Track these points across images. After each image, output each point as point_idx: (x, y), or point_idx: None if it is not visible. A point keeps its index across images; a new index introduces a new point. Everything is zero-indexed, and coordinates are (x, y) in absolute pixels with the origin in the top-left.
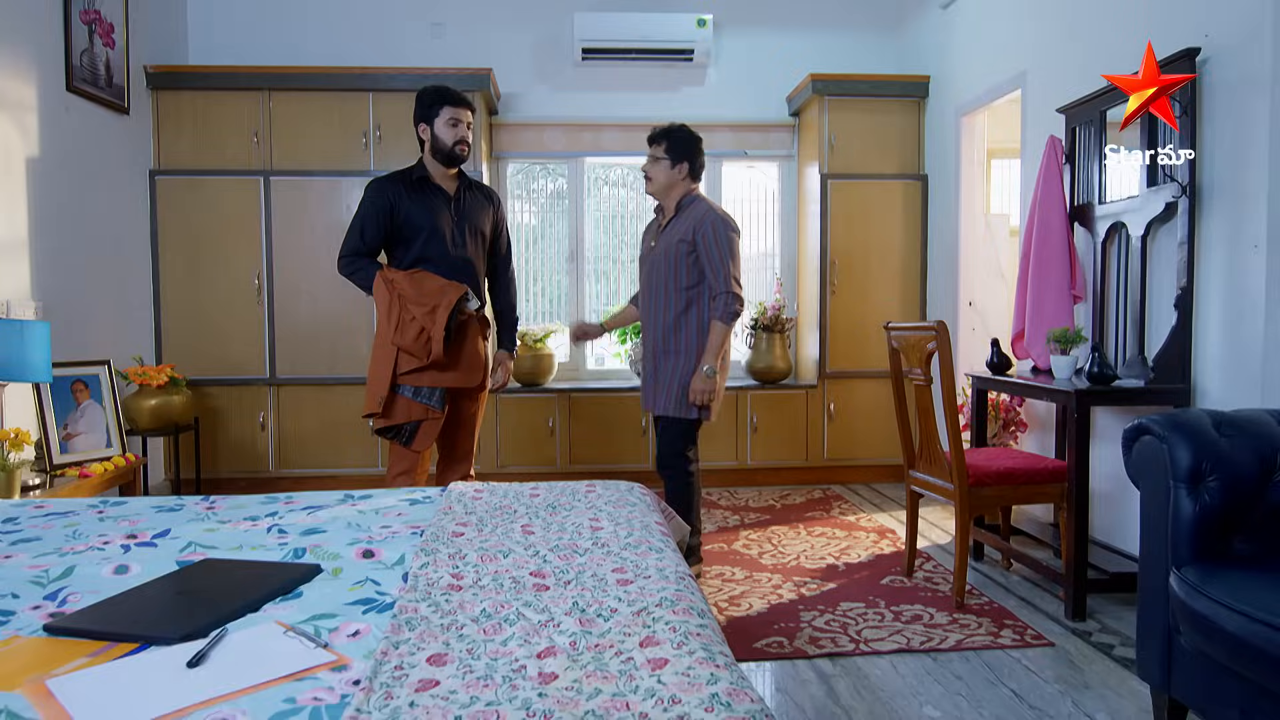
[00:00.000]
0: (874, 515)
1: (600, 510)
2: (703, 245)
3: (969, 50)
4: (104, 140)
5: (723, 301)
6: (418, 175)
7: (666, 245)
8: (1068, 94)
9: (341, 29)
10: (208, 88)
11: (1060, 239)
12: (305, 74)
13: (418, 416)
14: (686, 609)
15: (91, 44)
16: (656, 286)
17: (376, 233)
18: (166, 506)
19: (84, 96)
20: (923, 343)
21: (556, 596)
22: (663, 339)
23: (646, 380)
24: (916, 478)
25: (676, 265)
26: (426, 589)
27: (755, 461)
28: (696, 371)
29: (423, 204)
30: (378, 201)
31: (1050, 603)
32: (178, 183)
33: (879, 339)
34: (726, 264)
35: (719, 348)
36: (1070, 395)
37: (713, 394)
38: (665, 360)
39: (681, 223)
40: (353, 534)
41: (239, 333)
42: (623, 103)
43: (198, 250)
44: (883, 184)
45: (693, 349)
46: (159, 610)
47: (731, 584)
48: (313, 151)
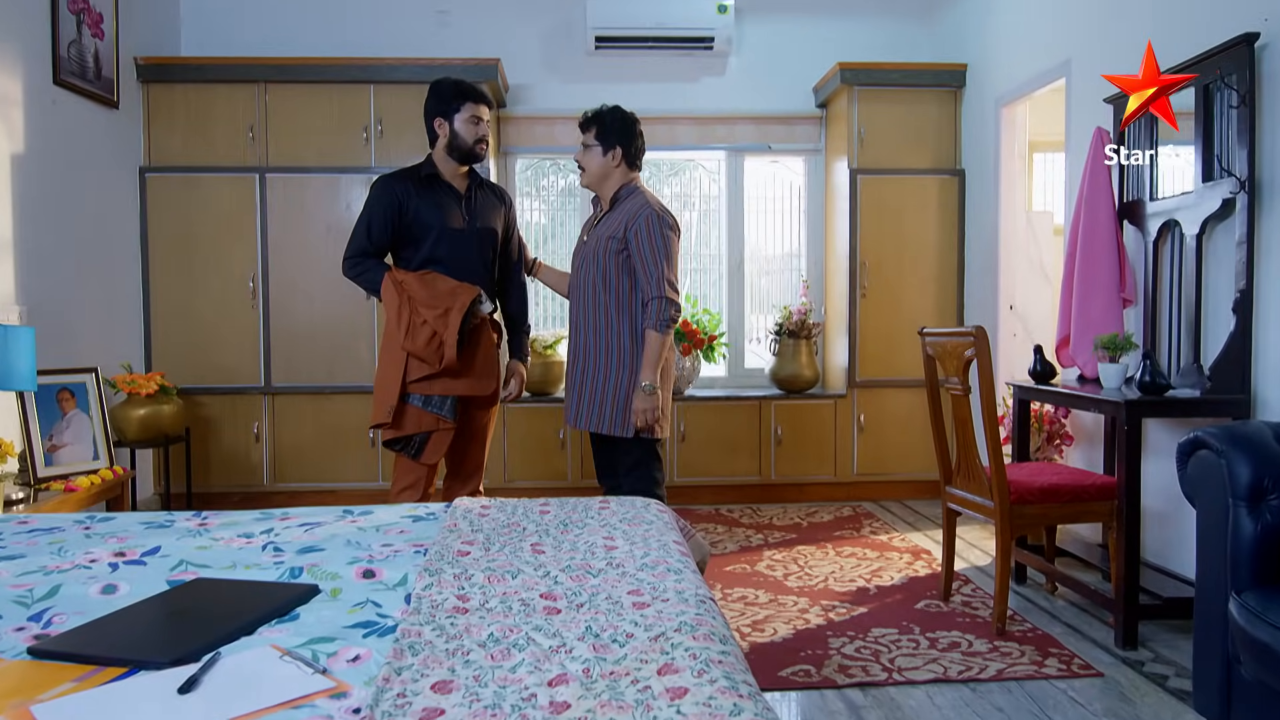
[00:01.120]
0: (908, 535)
1: (615, 528)
2: (634, 243)
3: (1009, 36)
4: (92, 136)
5: (656, 308)
6: (427, 172)
7: (595, 241)
8: None
9: (341, 18)
10: (201, 80)
11: (1108, 238)
12: (303, 65)
13: (428, 427)
14: (707, 634)
15: (80, 35)
16: (584, 286)
17: (384, 232)
18: (156, 523)
19: (71, 90)
20: (960, 349)
21: (568, 620)
22: (589, 345)
23: (570, 390)
24: (954, 494)
25: (605, 264)
26: (430, 611)
27: (780, 476)
28: (636, 390)
29: (432, 202)
30: (385, 199)
31: (1099, 630)
32: (169, 180)
33: (913, 345)
34: (661, 264)
35: (657, 360)
36: (1120, 406)
37: (655, 413)
38: (593, 370)
39: (615, 217)
40: (352, 552)
41: (233, 338)
42: (638, 94)
43: (190, 251)
44: (917, 179)
45: (626, 360)
46: (149, 632)
47: (755, 608)
48: (311, 147)
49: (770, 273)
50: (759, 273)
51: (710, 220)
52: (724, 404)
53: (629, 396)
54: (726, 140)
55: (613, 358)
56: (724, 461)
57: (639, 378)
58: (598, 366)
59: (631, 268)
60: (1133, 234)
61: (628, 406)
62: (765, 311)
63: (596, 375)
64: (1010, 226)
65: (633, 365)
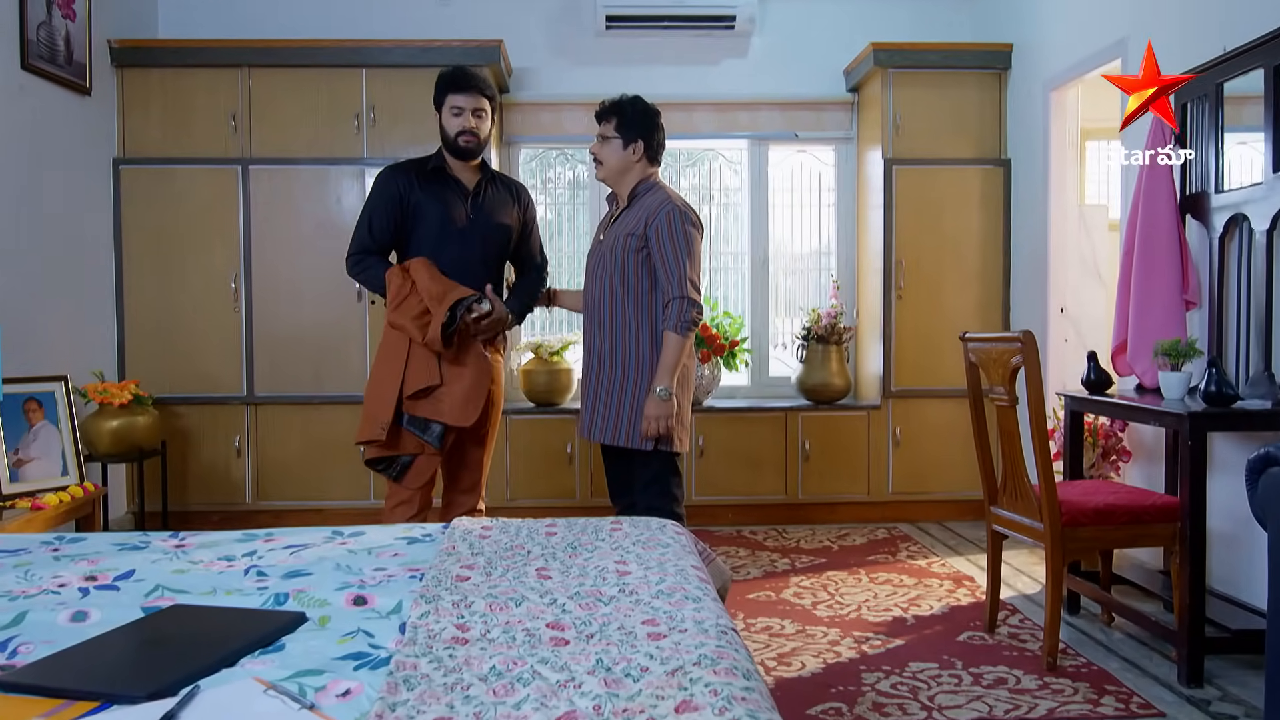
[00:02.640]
0: (948, 559)
1: (628, 551)
2: (655, 240)
3: (1059, 13)
4: (62, 125)
5: (677, 308)
6: (433, 165)
7: (614, 239)
8: (1177, 64)
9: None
10: (179, 64)
11: (1169, 234)
12: (290, 48)
13: (412, 450)
14: (729, 669)
15: (50, 15)
16: (600, 287)
17: (386, 225)
18: (130, 544)
19: (40, 75)
20: (1006, 356)
21: (577, 652)
22: (605, 351)
23: (586, 400)
24: (999, 515)
25: (624, 263)
26: (427, 642)
27: (807, 495)
28: (649, 395)
29: (434, 196)
30: (386, 190)
31: (1160, 665)
32: (145, 173)
33: (954, 352)
34: (683, 263)
35: (675, 364)
36: (1183, 419)
37: (670, 421)
38: (608, 377)
39: (634, 214)
40: (342, 577)
41: (213, 344)
42: (653, 78)
43: (167, 250)
44: (957, 170)
45: (644, 366)
46: (122, 663)
47: (781, 639)
48: (298, 137)
49: (797, 272)
50: (784, 272)
51: (731, 215)
52: (746, 416)
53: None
54: (749, 128)
55: (630, 363)
56: (746, 479)
57: (654, 382)
58: (613, 373)
59: (651, 267)
60: (1196, 230)
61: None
62: (791, 315)
63: (612, 383)
64: (1060, 221)
65: (652, 372)
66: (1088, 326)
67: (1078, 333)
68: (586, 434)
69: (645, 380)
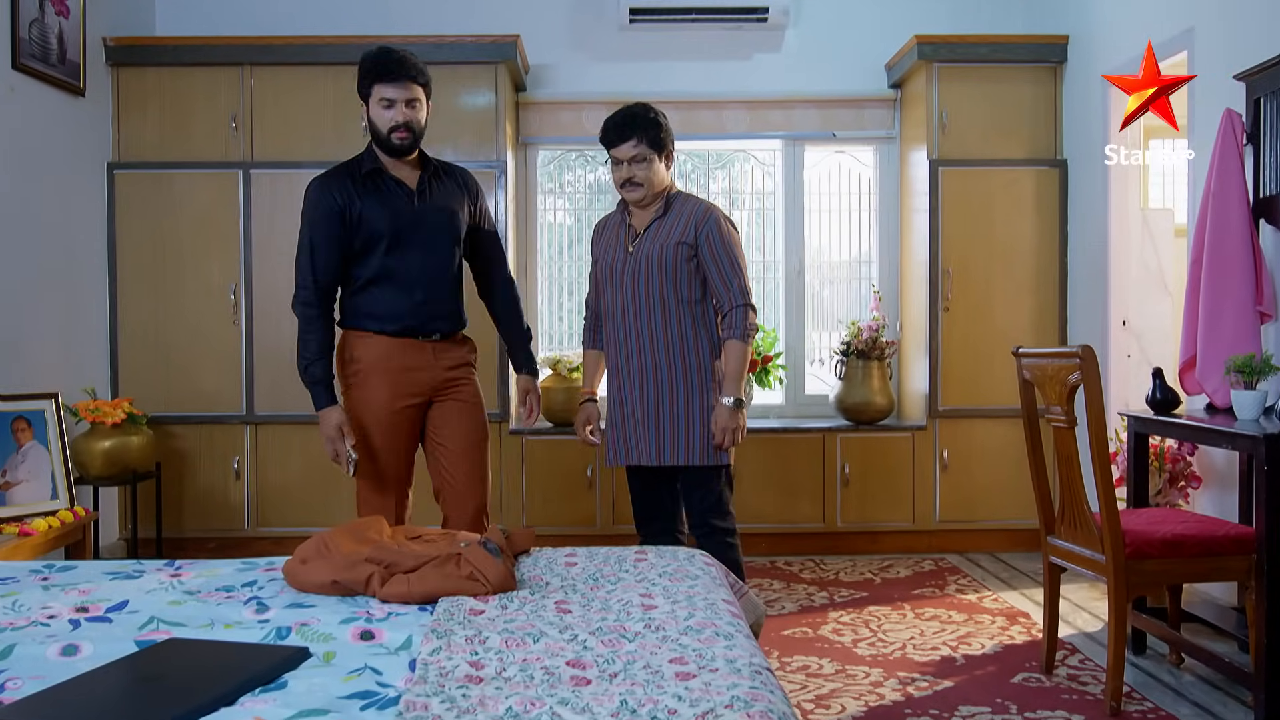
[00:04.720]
0: (1001, 594)
1: (653, 584)
2: (707, 248)
3: (1119, 1)
4: (55, 127)
5: (740, 316)
6: (368, 168)
7: (659, 249)
8: (1249, 56)
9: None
10: (177, 63)
11: (1241, 240)
12: (293, 45)
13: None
14: (764, 712)
15: (42, 13)
16: (646, 301)
17: (332, 253)
18: (124, 573)
19: (32, 75)
20: (1063, 373)
21: (600, 693)
22: (661, 367)
23: (636, 423)
24: (1057, 546)
25: (676, 273)
26: (439, 680)
27: (847, 523)
28: (718, 406)
29: (378, 203)
30: (321, 208)
31: (1235, 711)
32: (141, 178)
33: (1007, 368)
34: (740, 271)
35: (742, 373)
36: (1258, 441)
37: (742, 432)
38: (670, 394)
39: (675, 221)
40: (348, 609)
41: (211, 360)
42: (680, 75)
43: (163, 259)
44: (1008, 171)
45: (708, 379)
46: (114, 701)
47: (819, 679)
48: (302, 139)
49: (835, 282)
50: (822, 282)
51: (764, 221)
52: (781, 437)
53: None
54: (783, 127)
55: (693, 378)
56: (781, 505)
57: (722, 393)
58: (674, 390)
59: (702, 276)
60: (1271, 235)
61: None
62: (830, 328)
63: (675, 400)
64: (1122, 226)
65: (717, 384)
66: (1152, 341)
67: (1141, 348)
68: (651, 459)
69: (709, 393)
